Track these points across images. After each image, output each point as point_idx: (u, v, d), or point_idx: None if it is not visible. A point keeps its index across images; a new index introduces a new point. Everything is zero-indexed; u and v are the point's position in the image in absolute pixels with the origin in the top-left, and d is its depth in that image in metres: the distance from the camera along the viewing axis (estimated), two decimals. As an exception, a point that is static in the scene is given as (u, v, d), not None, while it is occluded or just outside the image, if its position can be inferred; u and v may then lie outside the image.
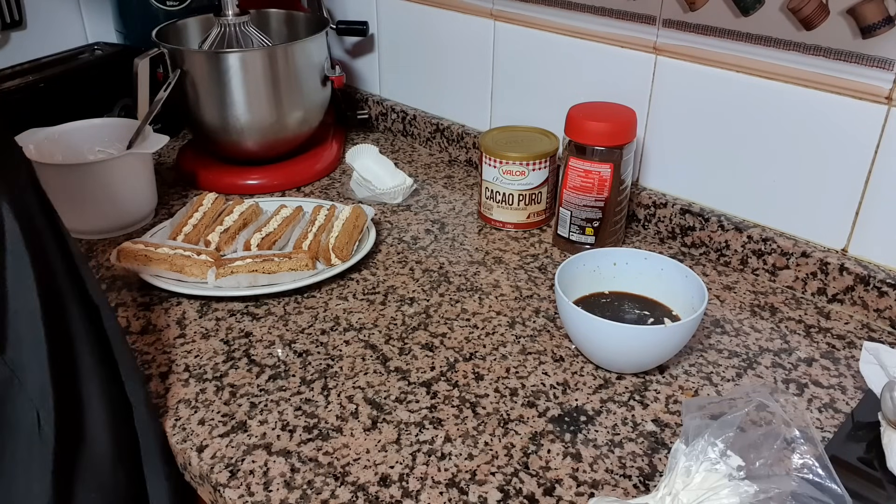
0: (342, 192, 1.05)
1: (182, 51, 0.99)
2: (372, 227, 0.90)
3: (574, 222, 0.88)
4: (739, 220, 0.87)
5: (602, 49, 0.92)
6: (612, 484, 0.58)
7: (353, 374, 0.70)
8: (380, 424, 0.64)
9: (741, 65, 0.81)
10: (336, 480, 0.58)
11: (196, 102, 1.00)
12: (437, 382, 0.68)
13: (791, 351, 0.73)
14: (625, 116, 0.84)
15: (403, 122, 1.20)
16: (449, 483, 0.58)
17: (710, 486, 0.50)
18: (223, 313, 0.78)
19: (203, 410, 0.65)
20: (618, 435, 0.63)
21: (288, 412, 0.65)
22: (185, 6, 1.14)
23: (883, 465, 0.57)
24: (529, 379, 0.69)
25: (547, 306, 0.80)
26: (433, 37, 1.11)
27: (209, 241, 0.87)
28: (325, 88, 1.08)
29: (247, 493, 0.57)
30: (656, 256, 0.75)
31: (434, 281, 0.84)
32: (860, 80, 0.73)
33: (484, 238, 0.93)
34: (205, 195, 0.94)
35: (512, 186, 0.92)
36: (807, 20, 0.75)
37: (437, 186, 1.07)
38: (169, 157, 1.15)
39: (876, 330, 0.77)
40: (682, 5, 0.83)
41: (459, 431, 0.63)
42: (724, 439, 0.51)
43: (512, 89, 1.05)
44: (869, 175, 0.76)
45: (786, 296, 0.82)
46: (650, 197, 0.92)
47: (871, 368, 0.67)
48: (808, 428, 0.52)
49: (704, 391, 0.68)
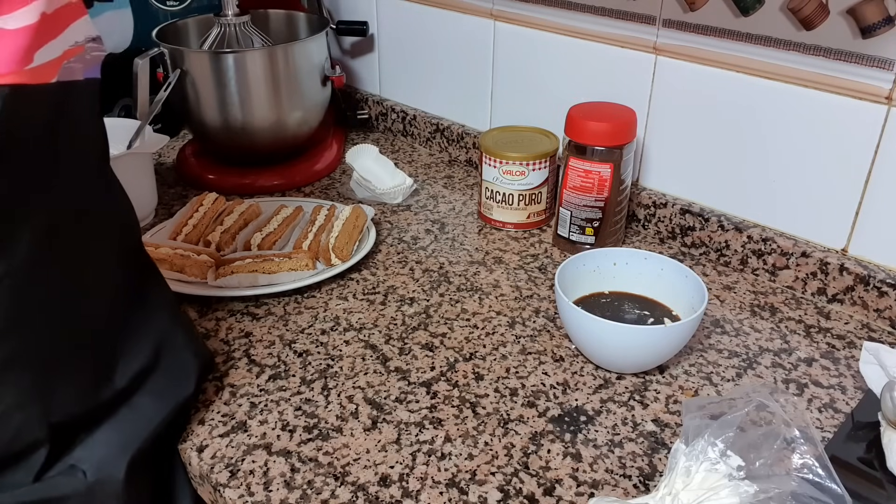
0: (342, 192, 1.05)
1: (182, 51, 0.99)
2: (372, 227, 0.90)
3: (574, 222, 0.88)
4: (739, 220, 0.87)
5: (602, 49, 0.92)
6: (612, 484, 0.58)
7: (353, 374, 0.70)
8: (380, 424, 0.64)
9: (741, 65, 0.81)
10: (336, 480, 0.58)
11: (196, 102, 1.00)
12: (437, 382, 0.68)
13: (791, 351, 0.73)
14: (625, 116, 0.84)
15: (403, 122, 1.20)
16: (449, 483, 0.58)
17: (710, 486, 0.50)
18: (223, 313, 0.78)
19: (203, 410, 0.65)
20: (618, 435, 0.63)
21: (288, 412, 0.65)
22: (185, 6, 1.14)
23: (883, 465, 0.57)
24: (529, 379, 0.69)
25: (547, 306, 0.80)
26: (433, 37, 1.11)
27: (209, 241, 0.87)
28: (325, 88, 1.08)
29: (247, 493, 0.57)
30: (656, 256, 0.75)
31: (434, 281, 0.84)
32: (860, 80, 0.73)
33: (484, 238, 0.93)
34: (205, 195, 0.94)
35: (512, 186, 0.92)
36: (807, 20, 0.75)
37: (437, 186, 1.07)
38: (169, 157, 1.15)
39: (876, 330, 0.77)
40: (682, 5, 0.83)
41: (459, 431, 0.63)
42: (724, 439, 0.51)
43: (512, 89, 1.05)
44: (869, 175, 0.76)
45: (786, 296, 0.82)
46: (650, 197, 0.92)
47: (871, 368, 0.67)
48: (808, 428, 0.52)
49: (704, 391, 0.68)
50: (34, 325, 0.50)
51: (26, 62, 0.44)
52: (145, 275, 0.61)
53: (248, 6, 1.05)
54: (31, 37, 0.44)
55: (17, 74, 0.43)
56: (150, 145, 0.93)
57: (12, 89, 0.43)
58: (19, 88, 0.44)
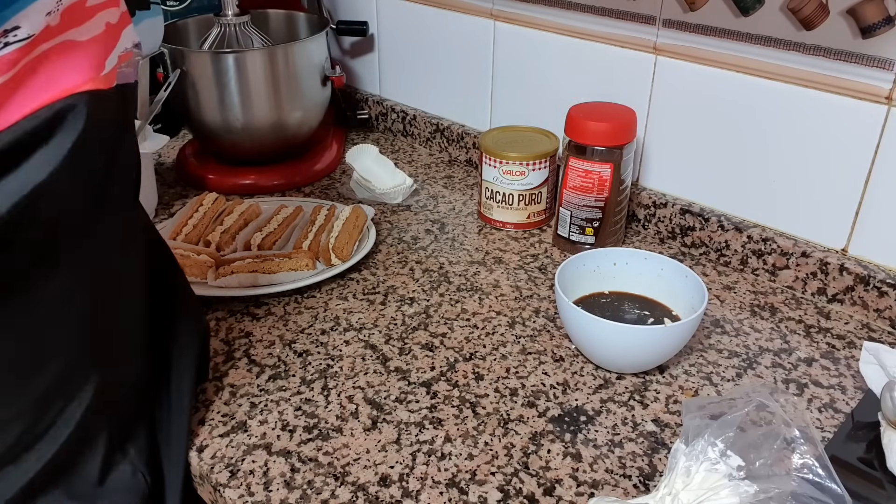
0: (342, 192, 1.05)
1: (182, 51, 0.99)
2: (372, 227, 0.90)
3: (574, 222, 0.88)
4: (739, 220, 0.87)
5: (602, 49, 0.92)
6: (612, 484, 0.58)
7: (353, 374, 0.70)
8: (380, 424, 0.64)
9: (741, 65, 0.81)
10: (336, 480, 0.58)
11: (196, 102, 1.00)
12: (437, 382, 0.68)
13: (791, 351, 0.73)
14: (625, 116, 0.84)
15: (403, 122, 1.20)
16: (449, 483, 0.58)
17: (710, 486, 0.50)
18: (223, 313, 0.78)
19: (203, 410, 0.65)
20: (618, 435, 0.63)
21: (288, 412, 0.65)
22: (185, 6, 1.14)
23: (883, 465, 0.57)
24: (529, 379, 0.69)
25: (547, 306, 0.80)
26: (433, 37, 1.11)
27: (209, 241, 0.87)
28: (325, 88, 1.08)
29: (247, 493, 0.57)
30: (656, 256, 0.75)
31: (434, 281, 0.84)
32: (860, 80, 0.73)
33: (484, 238, 0.93)
34: (205, 195, 0.94)
35: (512, 186, 0.92)
36: (807, 20, 0.75)
37: (437, 186, 1.07)
38: (169, 157, 1.15)
39: (876, 330, 0.77)
40: (682, 5, 0.83)
41: (459, 431, 0.63)
42: (724, 439, 0.51)
43: (512, 89, 1.05)
44: (869, 175, 0.76)
45: (786, 296, 0.82)
46: (650, 197, 0.92)
47: (871, 368, 0.67)
48: (808, 428, 0.52)
49: (704, 391, 0.68)
50: (99, 321, 0.52)
51: (100, 69, 0.47)
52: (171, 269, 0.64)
53: (248, 6, 1.05)
54: (101, 45, 0.47)
55: (94, 81, 0.46)
56: (150, 145, 0.93)
57: (92, 95, 0.46)
58: (98, 94, 0.46)
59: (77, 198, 0.47)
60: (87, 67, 0.46)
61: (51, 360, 0.49)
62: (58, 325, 0.49)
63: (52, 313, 0.48)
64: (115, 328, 0.54)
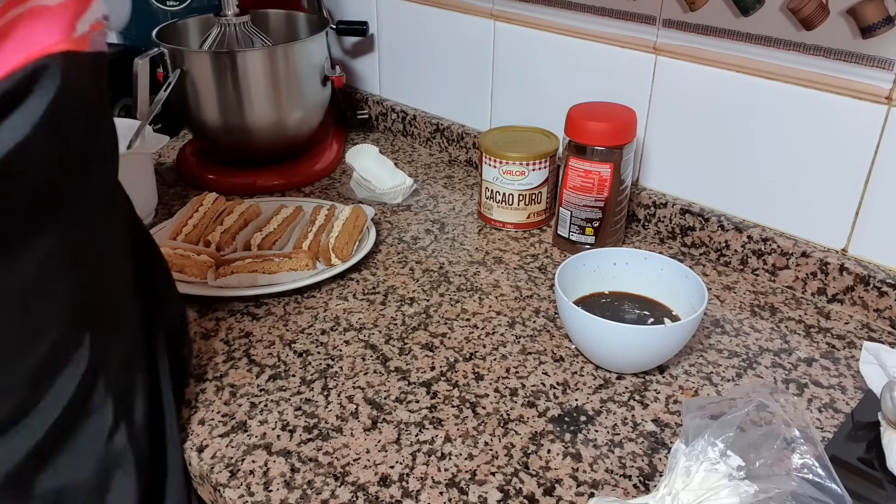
0: (342, 192, 1.05)
1: (182, 51, 0.99)
2: (372, 227, 0.90)
3: (574, 222, 0.88)
4: (739, 220, 0.87)
5: (602, 49, 0.92)
6: (612, 484, 0.58)
7: (353, 374, 0.70)
8: (380, 424, 0.64)
9: (741, 65, 0.81)
10: (336, 480, 0.58)
11: (196, 102, 1.00)
12: (437, 382, 0.68)
13: (791, 351, 0.73)
14: (625, 116, 0.84)
15: (403, 122, 1.20)
16: (449, 483, 0.58)
17: (710, 486, 0.50)
18: (223, 313, 0.78)
19: (203, 410, 0.65)
20: (618, 435, 0.63)
21: (288, 412, 0.65)
22: (185, 6, 1.14)
23: (883, 465, 0.57)
24: (529, 379, 0.69)
25: (547, 306, 0.80)
26: (433, 37, 1.11)
27: (209, 241, 0.87)
28: (325, 88, 1.08)
29: (247, 493, 0.57)
30: (656, 256, 0.75)
31: (434, 281, 0.84)
32: (860, 80, 0.73)
33: (484, 238, 0.93)
34: (205, 195, 0.93)
35: (512, 186, 0.92)
36: (807, 20, 0.75)
37: (437, 186, 1.07)
38: (169, 157, 1.15)
39: (876, 330, 0.77)
40: (682, 5, 0.83)
41: (459, 431, 0.63)
42: (724, 439, 0.51)
43: (512, 89, 1.05)
44: (869, 175, 0.76)
45: (786, 296, 0.82)
46: (650, 197, 0.92)
47: (871, 368, 0.67)
48: (808, 428, 0.52)
49: (704, 391, 0.68)
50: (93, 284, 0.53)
51: (71, 31, 0.46)
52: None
53: (248, 6, 1.05)
54: (72, 10, 0.47)
55: (67, 42, 0.46)
56: (150, 145, 0.93)
57: (66, 55, 0.46)
58: (72, 54, 0.46)
59: (56, 158, 0.47)
60: (59, 30, 0.45)
61: (42, 327, 0.49)
62: (46, 293, 0.49)
63: (38, 280, 0.48)
64: (102, 299, 0.54)
